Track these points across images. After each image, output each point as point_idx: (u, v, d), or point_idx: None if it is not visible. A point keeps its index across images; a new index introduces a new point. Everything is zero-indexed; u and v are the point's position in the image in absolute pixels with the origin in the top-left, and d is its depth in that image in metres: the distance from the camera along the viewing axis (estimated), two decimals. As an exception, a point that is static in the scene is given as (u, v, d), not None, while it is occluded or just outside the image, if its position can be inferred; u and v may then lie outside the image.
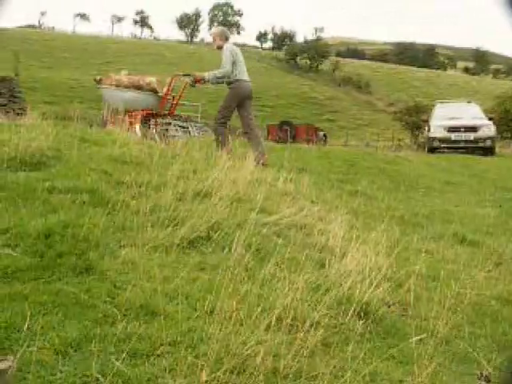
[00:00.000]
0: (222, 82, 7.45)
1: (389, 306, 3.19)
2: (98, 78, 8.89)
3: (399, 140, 34.23)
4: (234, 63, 7.17)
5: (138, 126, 8.11)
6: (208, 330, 2.38)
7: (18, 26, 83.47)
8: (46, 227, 3.10)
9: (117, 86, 8.49)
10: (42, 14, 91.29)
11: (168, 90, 8.60)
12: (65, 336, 2.21)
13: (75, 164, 4.39)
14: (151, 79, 8.74)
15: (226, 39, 7.48)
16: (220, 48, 7.38)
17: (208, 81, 7.40)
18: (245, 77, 7.35)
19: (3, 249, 2.87)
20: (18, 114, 11.30)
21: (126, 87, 8.48)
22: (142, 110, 8.32)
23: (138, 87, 8.52)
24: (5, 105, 14.63)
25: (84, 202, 3.64)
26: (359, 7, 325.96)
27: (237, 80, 7.22)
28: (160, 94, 8.53)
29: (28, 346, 2.08)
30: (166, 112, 8.92)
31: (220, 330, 2.32)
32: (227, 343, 2.27)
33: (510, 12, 1.87)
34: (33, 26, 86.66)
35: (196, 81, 7.61)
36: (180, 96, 8.76)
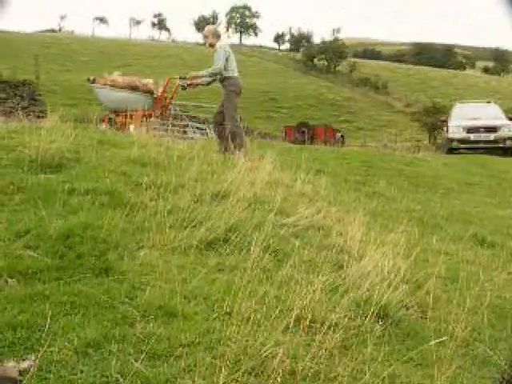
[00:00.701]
0: (215, 80, 7.68)
1: (407, 308, 3.17)
2: (92, 77, 8.95)
3: (417, 141, 33.97)
4: (226, 60, 7.44)
5: (132, 126, 8.21)
6: (226, 331, 2.39)
7: (39, 31, 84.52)
8: (66, 228, 3.14)
9: (112, 86, 8.57)
10: (62, 18, 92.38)
11: (163, 91, 8.70)
12: (84, 336, 2.23)
13: (94, 166, 4.43)
14: (148, 80, 8.85)
15: (218, 37, 7.72)
16: (212, 46, 7.63)
17: (202, 78, 7.70)
18: (236, 73, 7.61)
19: (24, 250, 2.91)
20: (38, 116, 11.46)
21: (122, 87, 8.57)
22: (137, 111, 8.41)
23: (134, 88, 8.61)
24: (26, 107, 14.83)
25: (103, 204, 3.67)
26: (375, 7, 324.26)
27: (230, 77, 7.48)
28: (155, 95, 8.64)
29: (49, 346, 2.10)
30: (159, 113, 9.02)
31: (238, 332, 2.33)
32: (245, 344, 2.27)
33: (510, 12, 1.85)
34: (53, 30, 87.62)
35: (188, 84, 7.96)
36: (172, 97, 8.85)
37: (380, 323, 2.83)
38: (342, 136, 31.09)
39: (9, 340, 2.17)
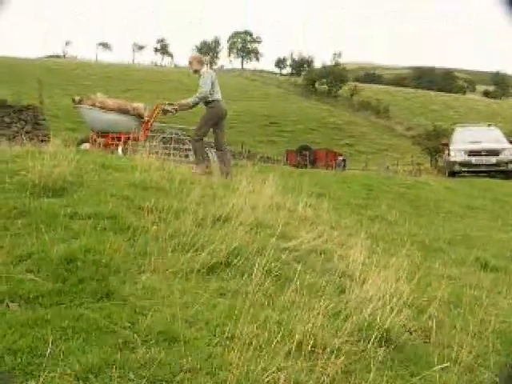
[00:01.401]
0: (197, 103, 7.98)
1: (411, 333, 3.14)
2: (78, 98, 8.94)
3: (419, 164, 34.04)
4: (212, 84, 7.78)
5: (120, 148, 8.30)
6: (228, 356, 2.37)
7: (43, 56, 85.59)
8: (67, 253, 3.14)
9: (101, 107, 8.63)
10: (67, 43, 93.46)
11: (150, 115, 8.79)
12: (86, 361, 2.22)
13: (96, 190, 4.45)
14: (138, 104, 8.93)
15: (202, 64, 8.07)
16: (197, 72, 7.95)
17: (191, 104, 7.95)
18: (220, 97, 7.92)
19: (26, 274, 2.91)
20: (41, 140, 11.53)
21: (112, 110, 8.63)
22: (122, 134, 8.53)
23: (124, 111, 8.67)
24: (29, 132, 14.93)
25: (105, 228, 3.67)
26: (375, 31, 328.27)
27: (214, 100, 7.80)
28: (142, 120, 8.73)
29: (49, 372, 2.09)
30: (143, 136, 9.10)
31: (240, 357, 2.31)
32: (247, 370, 2.25)
33: (510, 12, 1.87)
34: (57, 56, 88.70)
35: (171, 110, 8.29)
36: (153, 120, 8.94)
37: (383, 348, 2.81)
38: (343, 160, 31.21)
39: (9, 365, 2.16)
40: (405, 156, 40.34)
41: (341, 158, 31.48)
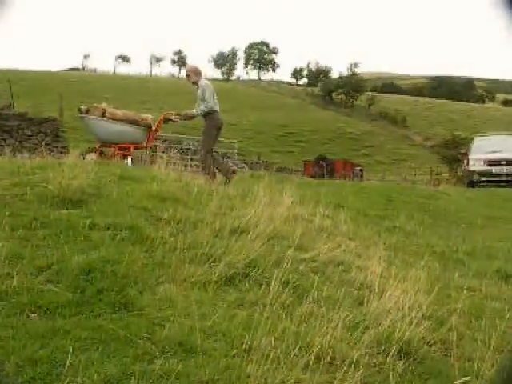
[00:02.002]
0: (200, 115, 8.09)
1: (430, 345, 3.10)
2: (84, 108, 8.98)
3: (437, 174, 33.79)
4: (212, 96, 7.93)
5: (129, 159, 8.38)
6: (246, 368, 2.36)
7: (63, 70, 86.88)
8: (86, 263, 3.16)
9: (109, 118, 8.68)
10: (85, 57, 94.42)
11: (157, 126, 8.86)
12: (104, 372, 2.23)
13: (115, 201, 4.48)
14: (147, 115, 9.00)
15: (200, 75, 8.18)
16: (195, 83, 8.04)
17: (195, 115, 8.07)
18: (218, 109, 8.06)
19: (46, 284, 2.93)
20: (61, 152, 11.69)
21: (121, 120, 8.69)
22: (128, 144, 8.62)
23: (133, 122, 8.74)
24: (49, 144, 15.13)
25: (123, 239, 3.70)
26: (394, 40, 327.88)
27: (214, 111, 7.93)
28: (149, 130, 8.82)
29: (69, 382, 2.10)
30: (150, 146, 9.20)
31: (258, 369, 2.30)
32: (265, 382, 2.24)
33: (509, 12, 1.85)
34: (76, 69, 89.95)
35: (175, 119, 8.48)
36: (157, 129, 9.00)
37: (402, 361, 2.78)
38: (361, 170, 31.11)
39: (29, 375, 2.18)
40: (423, 166, 40.07)
41: (358, 169, 31.38)
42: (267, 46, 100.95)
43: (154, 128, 8.86)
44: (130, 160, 8.40)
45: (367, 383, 2.52)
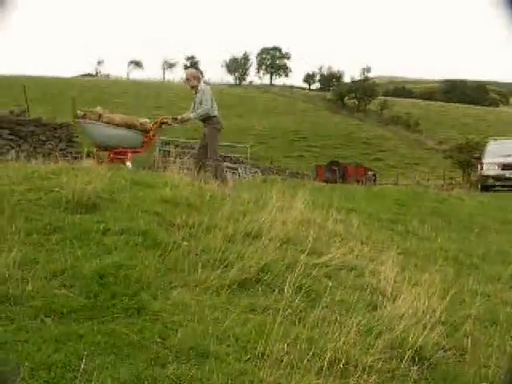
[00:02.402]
0: (197, 119, 8.15)
1: (444, 351, 3.08)
2: (82, 113, 9.01)
3: (450, 178, 33.55)
4: (212, 100, 7.97)
5: (129, 162, 8.41)
6: (259, 373, 2.36)
7: (77, 76, 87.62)
8: (100, 268, 3.18)
9: (108, 123, 8.70)
10: (99, 63, 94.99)
11: (154, 131, 8.89)
12: (118, 377, 2.24)
13: (128, 206, 4.50)
14: (145, 120, 9.04)
15: (199, 80, 8.25)
16: (194, 87, 8.11)
17: (192, 119, 8.16)
18: (217, 113, 8.11)
19: (60, 289, 2.95)
20: (75, 157, 11.77)
21: (119, 125, 8.71)
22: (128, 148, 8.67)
23: (132, 126, 8.77)
24: (63, 149, 15.26)
25: (137, 244, 3.72)
26: (405, 44, 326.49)
27: (214, 116, 7.99)
28: (147, 134, 8.86)
29: (82, 387, 2.11)
30: (147, 149, 9.23)
31: (271, 374, 2.30)
32: (278, 387, 2.24)
33: (510, 12, 1.84)
34: (90, 75, 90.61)
35: (171, 122, 8.60)
36: (153, 135, 9.02)
37: (416, 366, 2.76)
38: (373, 174, 31.00)
39: (43, 379, 2.19)
40: (436, 170, 39.83)
41: (371, 173, 31.26)
42: (280, 51, 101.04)
43: (151, 132, 8.89)
44: (129, 163, 8.45)
45: (381, 389, 2.51)
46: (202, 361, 2.46)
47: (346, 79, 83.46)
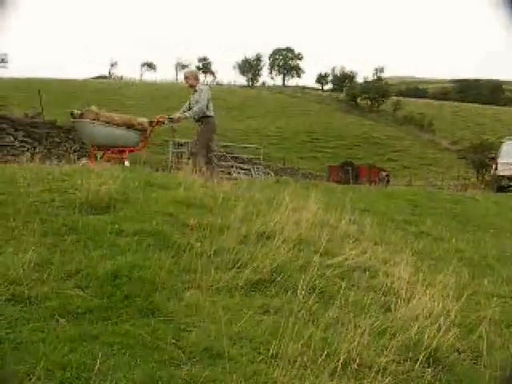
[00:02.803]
0: (192, 118, 8.26)
1: (459, 353, 3.06)
2: (79, 112, 9.01)
3: (465, 179, 33.29)
4: (208, 101, 8.10)
5: (127, 162, 8.46)
6: (273, 374, 2.36)
7: (90, 78, 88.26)
8: (113, 269, 3.20)
9: (105, 122, 8.73)
10: (112, 65, 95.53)
11: (151, 130, 8.91)
12: (132, 377, 2.25)
13: (142, 207, 4.53)
14: (143, 119, 9.06)
15: (198, 80, 8.46)
16: (192, 87, 8.27)
17: (188, 117, 8.26)
18: (213, 113, 8.23)
19: (75, 290, 2.98)
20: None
21: (118, 125, 8.74)
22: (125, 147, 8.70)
23: (130, 126, 8.80)
24: (77, 151, 15.39)
25: (150, 245, 3.73)
26: (418, 44, 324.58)
27: (210, 116, 8.14)
28: (143, 133, 8.88)
29: (97, 387, 2.12)
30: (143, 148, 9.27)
31: (285, 375, 2.30)
32: (292, 388, 2.23)
33: (510, 12, 1.83)
34: (103, 77, 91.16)
35: (169, 121, 8.70)
36: (149, 134, 9.03)
37: (430, 368, 2.74)
38: (387, 175, 30.81)
39: (58, 379, 2.21)
40: (450, 171, 39.54)
41: (384, 174, 31.07)
42: (292, 51, 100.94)
43: (148, 131, 8.92)
44: (127, 162, 8.52)
45: (395, 391, 2.49)
46: (215, 362, 2.47)
47: (359, 80, 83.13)
